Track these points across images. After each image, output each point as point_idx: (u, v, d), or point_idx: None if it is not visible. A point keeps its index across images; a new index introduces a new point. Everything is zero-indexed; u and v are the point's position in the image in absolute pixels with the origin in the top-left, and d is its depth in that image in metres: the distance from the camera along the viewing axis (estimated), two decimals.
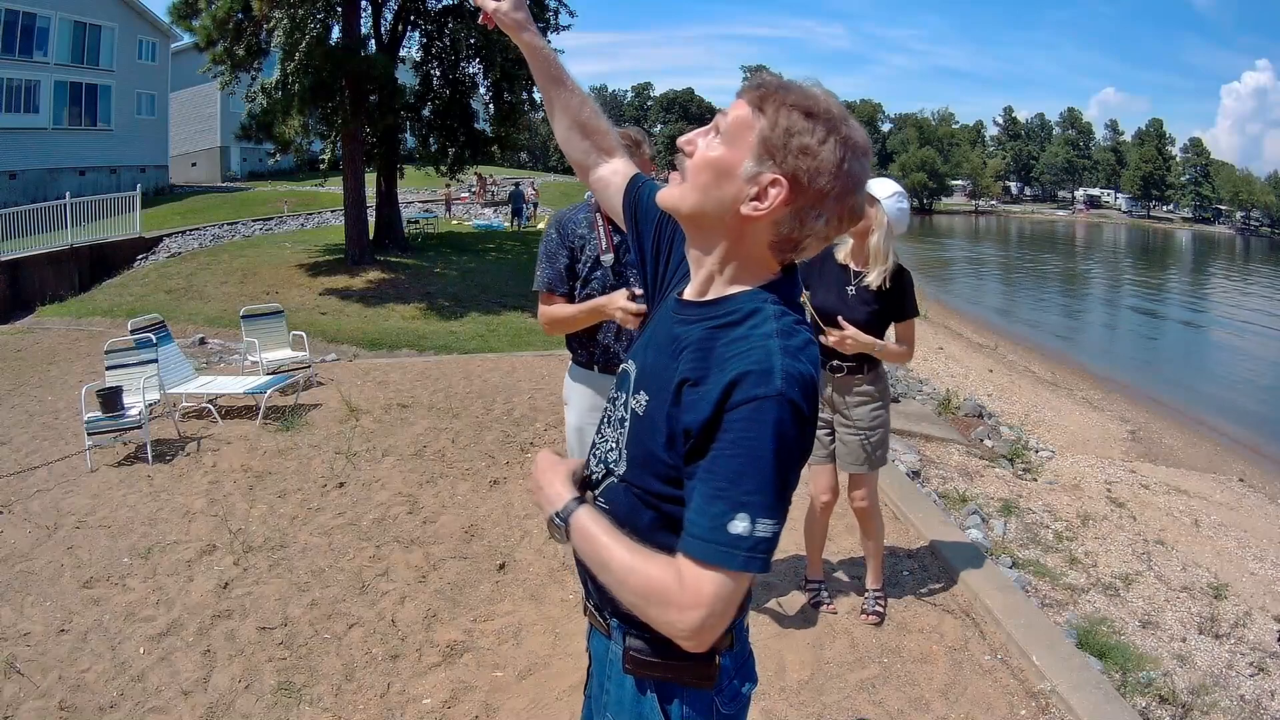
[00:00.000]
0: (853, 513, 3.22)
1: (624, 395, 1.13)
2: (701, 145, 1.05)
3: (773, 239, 1.03)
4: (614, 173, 1.38)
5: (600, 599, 1.17)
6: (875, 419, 3.01)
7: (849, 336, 2.82)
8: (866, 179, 1.02)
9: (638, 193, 1.33)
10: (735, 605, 0.94)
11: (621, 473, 1.10)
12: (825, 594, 3.24)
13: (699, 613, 0.92)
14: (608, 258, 2.48)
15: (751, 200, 1.00)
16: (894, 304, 2.90)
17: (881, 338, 2.92)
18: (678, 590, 0.93)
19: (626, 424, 1.10)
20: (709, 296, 1.08)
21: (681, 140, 1.09)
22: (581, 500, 1.09)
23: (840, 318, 2.83)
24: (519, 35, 1.37)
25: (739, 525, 0.90)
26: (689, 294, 1.11)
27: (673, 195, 1.08)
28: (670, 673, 1.11)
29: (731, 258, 1.06)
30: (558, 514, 1.07)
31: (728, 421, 0.93)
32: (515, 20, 1.36)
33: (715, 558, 0.91)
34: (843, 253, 2.96)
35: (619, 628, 1.15)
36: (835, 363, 2.98)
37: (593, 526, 1.04)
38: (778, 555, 3.61)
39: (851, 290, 2.90)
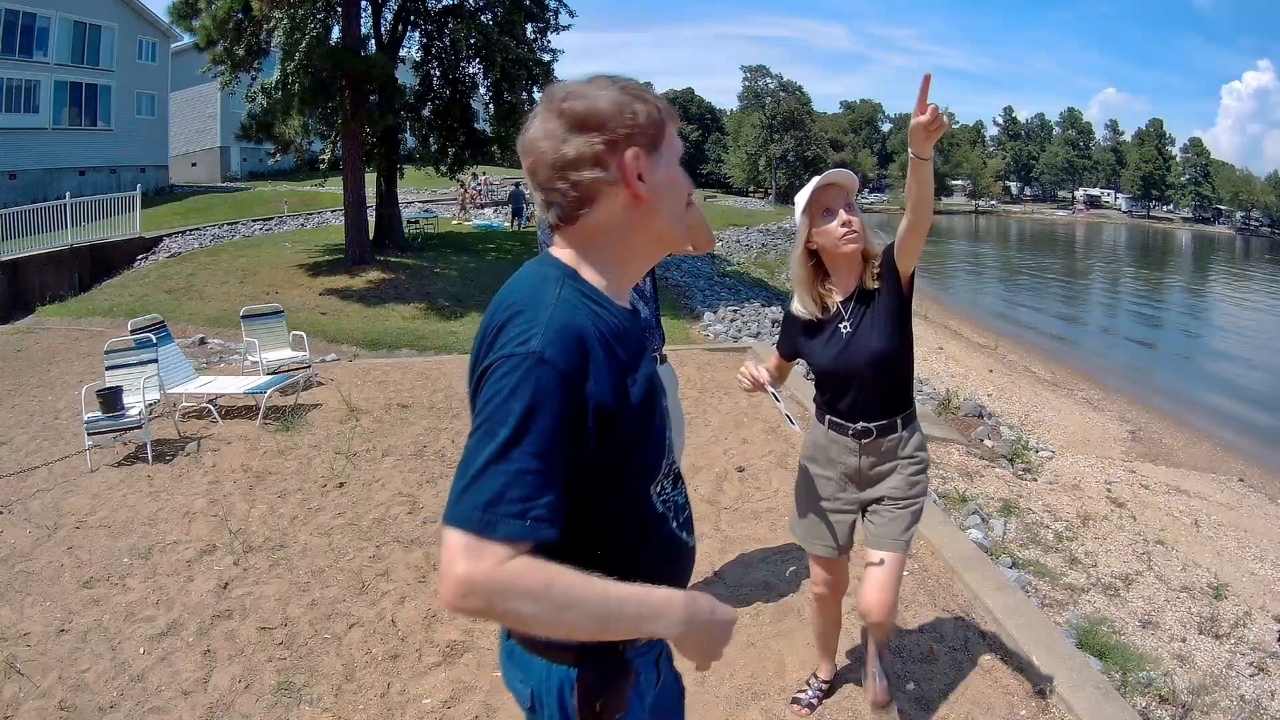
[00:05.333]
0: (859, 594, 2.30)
1: None
2: None
3: None
4: None
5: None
6: (917, 484, 2.27)
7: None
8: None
9: None
10: None
11: None
12: (816, 697, 2.64)
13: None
14: None
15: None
16: (892, 279, 2.12)
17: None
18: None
19: None
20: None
21: None
22: None
23: (865, 359, 2.13)
24: None
25: None
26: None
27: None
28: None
29: None
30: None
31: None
32: None
33: None
34: (809, 307, 2.19)
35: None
36: (861, 426, 2.19)
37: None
38: (776, 554, 3.61)
39: (846, 328, 2.15)
